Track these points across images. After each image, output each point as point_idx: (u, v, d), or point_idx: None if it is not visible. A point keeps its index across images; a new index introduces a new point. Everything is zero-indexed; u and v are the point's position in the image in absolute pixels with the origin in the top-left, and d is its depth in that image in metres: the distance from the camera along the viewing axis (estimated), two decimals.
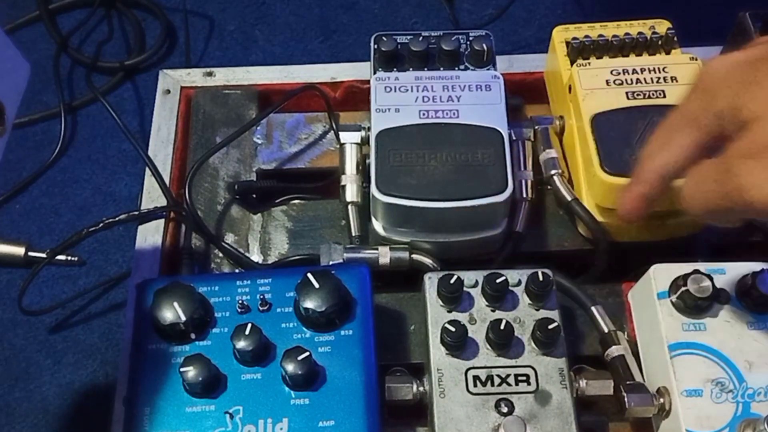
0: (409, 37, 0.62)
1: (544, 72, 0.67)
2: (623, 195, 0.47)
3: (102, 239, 0.70)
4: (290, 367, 0.46)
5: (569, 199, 0.57)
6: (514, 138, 0.59)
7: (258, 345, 0.47)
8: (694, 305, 0.48)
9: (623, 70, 0.58)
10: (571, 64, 0.61)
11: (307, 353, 0.46)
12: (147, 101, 0.79)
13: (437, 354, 0.49)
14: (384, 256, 0.55)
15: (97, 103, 0.79)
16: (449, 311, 0.51)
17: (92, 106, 0.80)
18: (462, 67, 0.62)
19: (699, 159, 0.42)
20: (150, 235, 0.61)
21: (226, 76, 0.70)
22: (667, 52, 0.61)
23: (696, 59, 0.59)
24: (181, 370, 0.46)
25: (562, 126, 0.61)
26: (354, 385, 0.47)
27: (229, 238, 0.61)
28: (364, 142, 0.60)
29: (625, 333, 0.53)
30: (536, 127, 0.61)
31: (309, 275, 0.48)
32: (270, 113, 0.66)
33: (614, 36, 0.61)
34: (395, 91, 0.59)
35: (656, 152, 0.45)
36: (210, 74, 0.70)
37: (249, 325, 0.47)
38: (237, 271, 0.60)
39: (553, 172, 0.59)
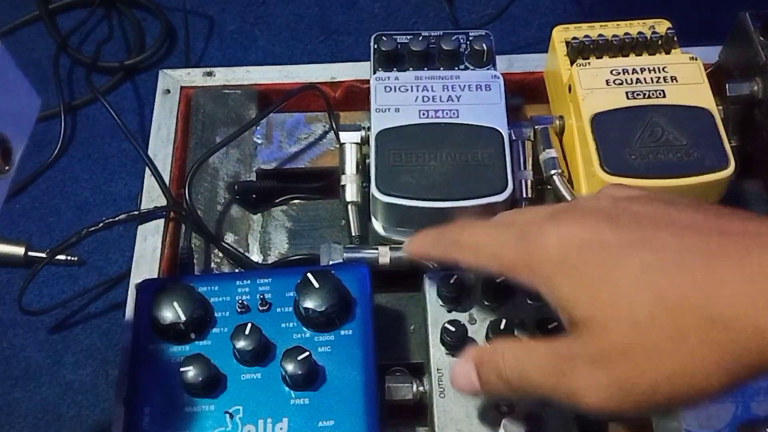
0: (409, 37, 0.62)
1: (544, 72, 0.67)
2: (416, 236, 0.48)
3: (102, 239, 0.70)
4: (290, 367, 0.46)
5: (569, 199, 0.57)
6: (514, 138, 0.59)
7: (258, 345, 0.47)
8: None
9: (623, 69, 0.58)
10: (571, 63, 0.61)
11: (307, 353, 0.46)
12: (147, 101, 0.78)
13: (437, 354, 0.49)
14: (384, 256, 0.55)
15: (97, 103, 0.78)
16: (449, 311, 0.51)
17: (92, 106, 0.80)
18: (462, 67, 0.62)
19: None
20: (150, 235, 0.61)
21: (226, 75, 0.70)
22: (667, 52, 0.61)
23: (696, 59, 0.59)
24: (181, 370, 0.46)
25: (562, 126, 0.61)
26: (354, 385, 0.47)
27: (229, 238, 0.61)
28: (364, 141, 0.60)
29: None
30: (536, 127, 0.61)
31: (309, 275, 0.48)
32: (270, 113, 0.66)
33: (614, 36, 0.61)
34: (395, 90, 0.59)
35: (465, 248, 0.43)
36: (210, 74, 0.70)
37: (249, 325, 0.47)
38: (237, 271, 0.60)
39: (553, 172, 0.59)
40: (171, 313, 0.47)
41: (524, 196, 0.58)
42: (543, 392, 0.38)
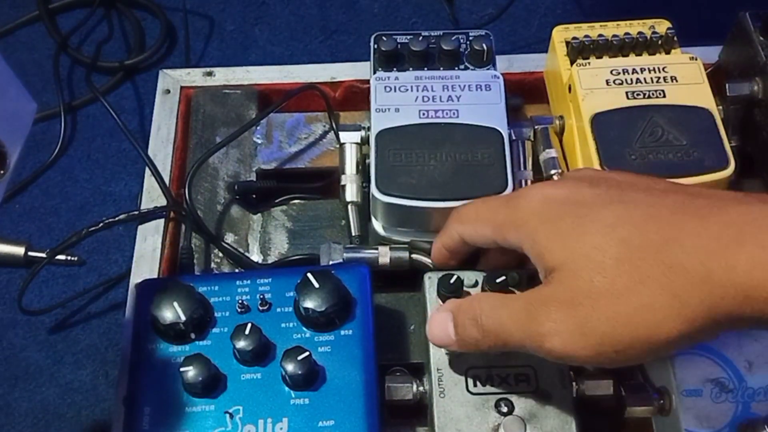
0: (409, 37, 0.62)
1: (544, 72, 0.67)
2: (434, 244, 0.52)
3: (102, 239, 0.70)
4: (290, 367, 0.46)
5: None
6: (514, 138, 0.59)
7: (258, 345, 0.47)
8: None
9: (623, 69, 0.58)
10: (571, 63, 0.61)
11: (307, 353, 0.46)
12: (147, 101, 0.78)
13: (437, 354, 0.49)
14: (384, 255, 0.55)
15: (97, 103, 0.78)
16: None
17: (92, 106, 0.80)
18: (462, 66, 0.61)
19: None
20: (150, 235, 0.61)
21: (226, 75, 0.70)
22: (667, 52, 0.61)
23: (696, 59, 0.59)
24: (181, 369, 0.46)
25: (562, 126, 0.61)
26: (354, 385, 0.47)
27: (229, 238, 0.61)
28: (364, 141, 0.60)
29: None
30: (536, 127, 0.61)
31: (309, 275, 0.48)
32: (270, 113, 0.66)
33: (614, 36, 0.61)
34: (395, 90, 0.59)
35: (465, 221, 0.48)
36: (210, 74, 0.70)
37: (249, 325, 0.47)
38: (237, 271, 0.60)
39: (553, 172, 0.59)
40: (171, 313, 0.47)
41: None
42: (515, 341, 0.41)
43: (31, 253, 0.68)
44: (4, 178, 0.38)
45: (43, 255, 0.67)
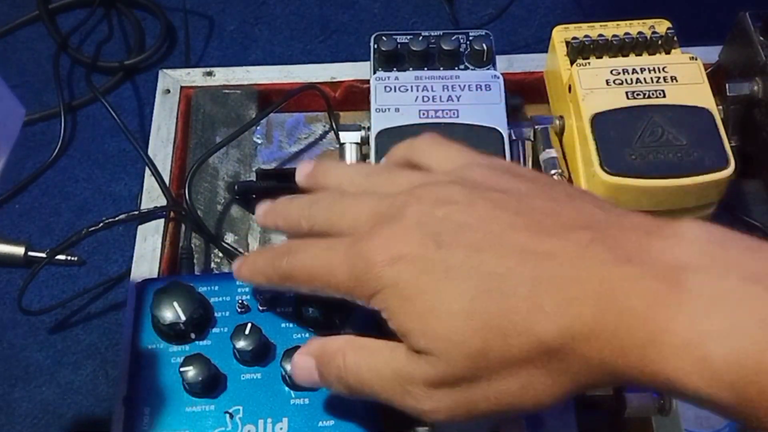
0: (409, 37, 0.62)
1: (544, 72, 0.67)
2: (246, 259, 0.47)
3: (102, 239, 0.70)
4: (290, 367, 0.46)
5: None
6: (514, 138, 0.59)
7: (258, 345, 0.47)
8: None
9: (623, 69, 0.58)
10: (571, 63, 0.61)
11: None
12: (147, 101, 0.78)
13: None
14: None
15: (97, 102, 0.78)
16: None
17: (92, 105, 0.80)
18: (462, 66, 0.62)
19: None
20: (150, 235, 0.61)
21: (225, 75, 0.70)
22: (667, 52, 0.61)
23: (696, 59, 0.59)
24: (181, 370, 0.46)
25: (562, 126, 0.61)
26: None
27: (229, 238, 0.61)
28: (364, 141, 0.60)
29: None
30: (536, 127, 0.61)
31: None
32: (270, 113, 0.66)
33: (614, 36, 0.61)
34: (395, 90, 0.59)
35: (295, 264, 0.42)
36: (210, 74, 0.70)
37: (249, 325, 0.47)
38: None
39: (553, 172, 0.59)
40: (171, 313, 0.47)
41: None
42: (384, 401, 0.39)
43: (31, 253, 0.68)
44: None
45: (43, 255, 0.67)
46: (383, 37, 0.62)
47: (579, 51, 0.61)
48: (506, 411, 0.36)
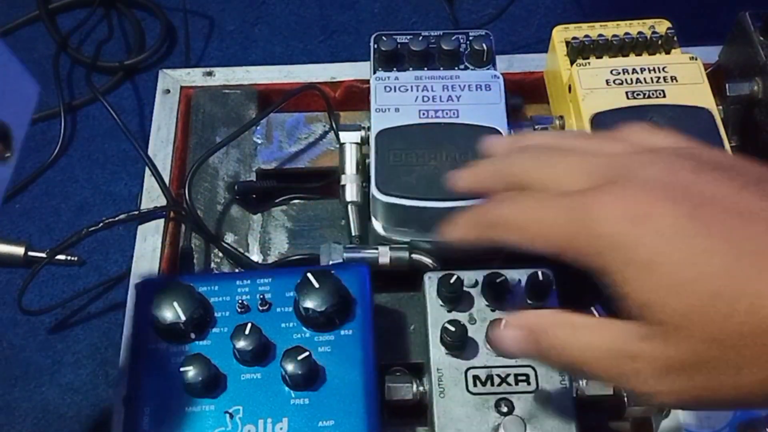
0: (409, 37, 0.62)
1: (544, 72, 0.67)
2: (455, 221, 0.42)
3: (102, 239, 0.70)
4: (290, 367, 0.46)
5: None
6: None
7: (258, 345, 0.47)
8: None
9: (623, 69, 0.58)
10: (571, 63, 0.61)
11: (307, 353, 0.46)
12: (147, 101, 0.78)
13: (437, 354, 0.49)
14: (384, 255, 0.55)
15: (96, 103, 0.78)
16: (449, 311, 0.51)
17: (92, 106, 0.80)
18: (462, 66, 0.61)
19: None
20: (150, 235, 0.61)
21: (225, 75, 0.70)
22: (667, 52, 0.61)
23: (696, 59, 0.59)
24: (181, 369, 0.46)
25: (562, 126, 0.61)
26: (354, 385, 0.47)
27: (229, 238, 0.61)
28: (364, 141, 0.60)
29: None
30: (536, 127, 0.61)
31: (309, 275, 0.48)
32: (270, 113, 0.66)
33: (614, 36, 0.61)
34: (395, 90, 0.59)
35: (508, 217, 0.39)
36: (210, 74, 0.70)
37: (249, 325, 0.47)
38: (237, 271, 0.60)
39: None
40: (171, 313, 0.47)
41: None
42: (600, 379, 0.37)
43: (31, 253, 0.68)
44: (11, 160, 0.38)
45: (43, 255, 0.67)
46: (383, 37, 0.62)
47: (579, 51, 0.61)
48: (745, 404, 0.33)
